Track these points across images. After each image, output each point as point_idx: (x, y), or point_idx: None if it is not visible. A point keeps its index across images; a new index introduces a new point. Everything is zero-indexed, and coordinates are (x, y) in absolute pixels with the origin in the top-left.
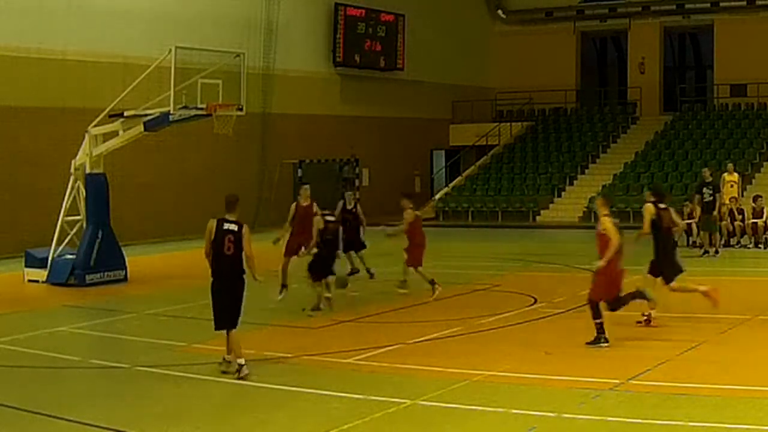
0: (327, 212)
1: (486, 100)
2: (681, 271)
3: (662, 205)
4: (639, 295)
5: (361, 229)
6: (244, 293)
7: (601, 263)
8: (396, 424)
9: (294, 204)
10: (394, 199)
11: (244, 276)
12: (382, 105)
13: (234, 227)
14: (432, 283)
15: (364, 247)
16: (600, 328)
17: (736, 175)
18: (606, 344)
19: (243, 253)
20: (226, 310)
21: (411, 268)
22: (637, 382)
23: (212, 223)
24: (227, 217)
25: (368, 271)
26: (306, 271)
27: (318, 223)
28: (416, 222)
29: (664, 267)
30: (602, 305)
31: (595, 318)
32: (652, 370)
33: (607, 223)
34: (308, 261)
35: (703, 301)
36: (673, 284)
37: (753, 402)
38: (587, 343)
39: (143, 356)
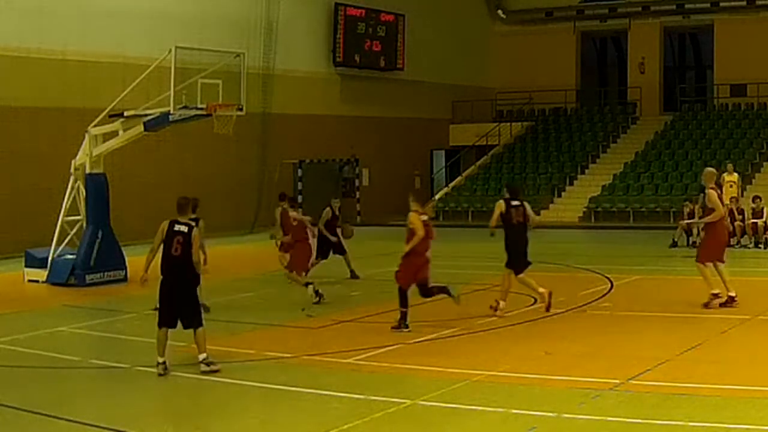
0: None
1: (486, 100)
2: (528, 264)
3: (515, 202)
4: (445, 290)
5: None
6: (195, 293)
7: (406, 248)
8: (396, 424)
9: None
10: (394, 199)
11: (194, 276)
12: (382, 105)
13: (184, 228)
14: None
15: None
16: (404, 316)
17: (735, 175)
18: (407, 330)
19: (191, 254)
20: (169, 309)
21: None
22: (637, 382)
23: (165, 224)
24: (179, 218)
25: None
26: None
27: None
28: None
29: (513, 260)
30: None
31: (401, 306)
32: (652, 370)
33: (411, 217)
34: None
35: (702, 301)
36: (522, 276)
37: (753, 402)
38: (392, 328)
39: (143, 356)
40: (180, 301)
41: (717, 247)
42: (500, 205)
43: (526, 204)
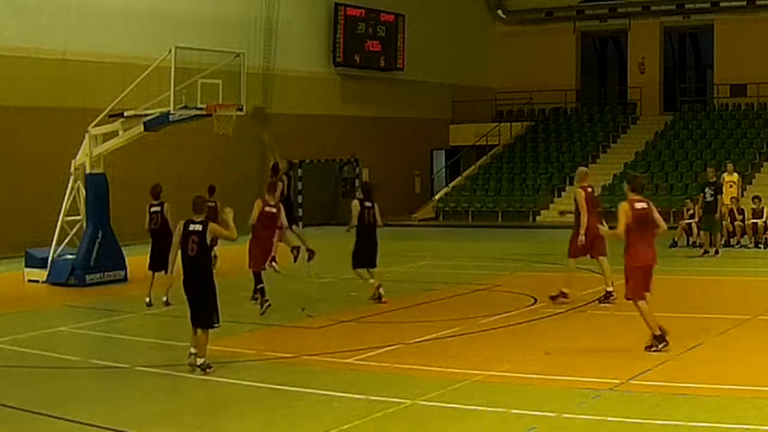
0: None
1: (486, 100)
2: (372, 264)
3: (368, 204)
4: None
5: None
6: (211, 293)
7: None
8: (396, 424)
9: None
10: (394, 199)
11: (208, 277)
12: (382, 105)
13: (199, 227)
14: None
15: None
16: (261, 292)
17: (735, 175)
18: (268, 305)
19: (210, 250)
20: (192, 309)
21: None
22: (637, 382)
23: (180, 224)
24: (194, 218)
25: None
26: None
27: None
28: None
29: (355, 255)
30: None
31: (257, 283)
32: (652, 370)
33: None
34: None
35: (703, 301)
36: (360, 270)
37: (753, 402)
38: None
39: (143, 356)
40: (195, 300)
41: (580, 244)
42: (356, 206)
43: (376, 205)
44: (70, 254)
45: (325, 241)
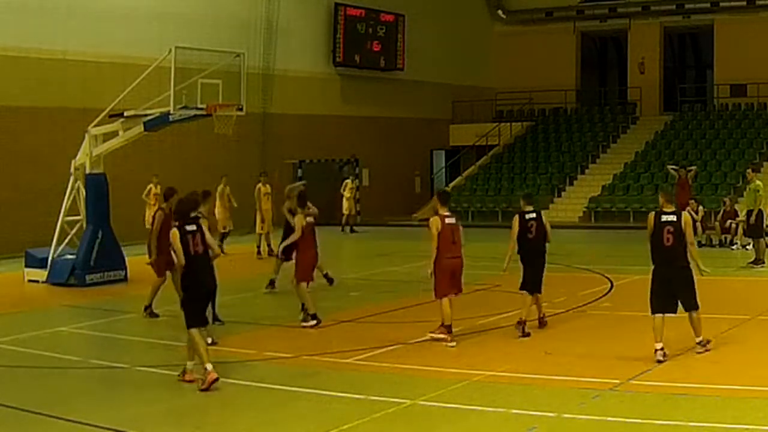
0: None
1: (486, 100)
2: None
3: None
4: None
5: None
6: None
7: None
8: (396, 424)
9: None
10: (394, 199)
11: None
12: (382, 105)
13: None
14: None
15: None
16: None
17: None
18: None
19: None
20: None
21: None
22: (637, 382)
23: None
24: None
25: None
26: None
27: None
28: None
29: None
30: None
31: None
32: (652, 370)
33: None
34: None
35: (703, 301)
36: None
37: (753, 402)
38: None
39: (143, 356)
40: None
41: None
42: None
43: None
44: (70, 254)
45: (324, 241)
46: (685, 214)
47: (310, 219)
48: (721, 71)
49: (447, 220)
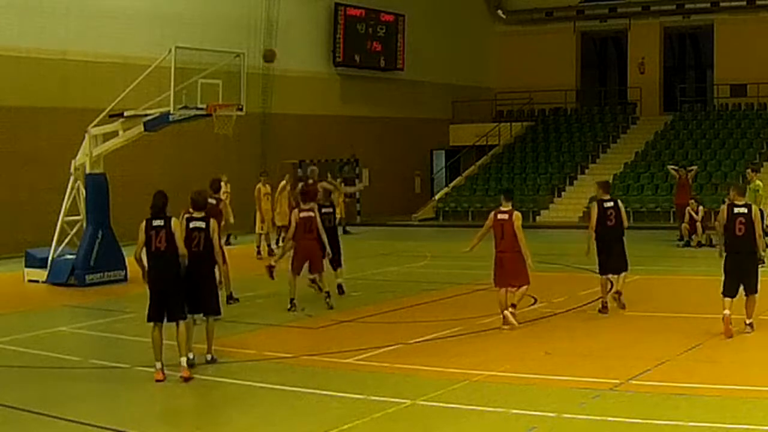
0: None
1: (486, 100)
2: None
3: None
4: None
5: None
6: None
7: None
8: (396, 424)
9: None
10: (394, 199)
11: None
12: (382, 105)
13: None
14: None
15: None
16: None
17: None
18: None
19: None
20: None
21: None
22: (637, 382)
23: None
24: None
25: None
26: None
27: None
28: None
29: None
30: None
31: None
32: (652, 370)
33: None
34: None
35: (703, 301)
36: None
37: (753, 402)
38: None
39: (143, 356)
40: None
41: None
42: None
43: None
44: (70, 254)
45: None
46: (754, 207)
47: (304, 214)
48: (721, 71)
49: (499, 216)
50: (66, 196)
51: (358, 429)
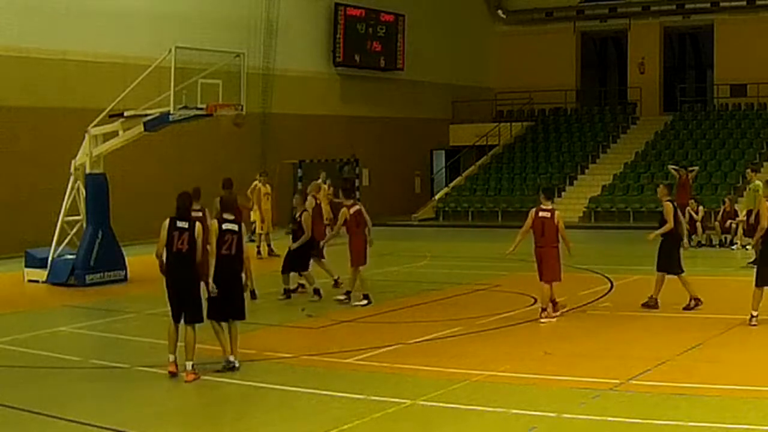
0: None
1: (486, 100)
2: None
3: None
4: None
5: None
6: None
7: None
8: (396, 424)
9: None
10: (394, 199)
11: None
12: (382, 105)
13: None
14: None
15: None
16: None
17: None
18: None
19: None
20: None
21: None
22: (637, 382)
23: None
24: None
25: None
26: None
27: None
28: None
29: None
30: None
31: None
32: (652, 370)
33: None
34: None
35: (703, 300)
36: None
37: (753, 402)
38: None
39: (143, 356)
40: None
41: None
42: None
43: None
44: (70, 254)
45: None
46: None
47: (354, 209)
48: (721, 71)
49: (540, 214)
50: (66, 196)
51: (358, 429)
